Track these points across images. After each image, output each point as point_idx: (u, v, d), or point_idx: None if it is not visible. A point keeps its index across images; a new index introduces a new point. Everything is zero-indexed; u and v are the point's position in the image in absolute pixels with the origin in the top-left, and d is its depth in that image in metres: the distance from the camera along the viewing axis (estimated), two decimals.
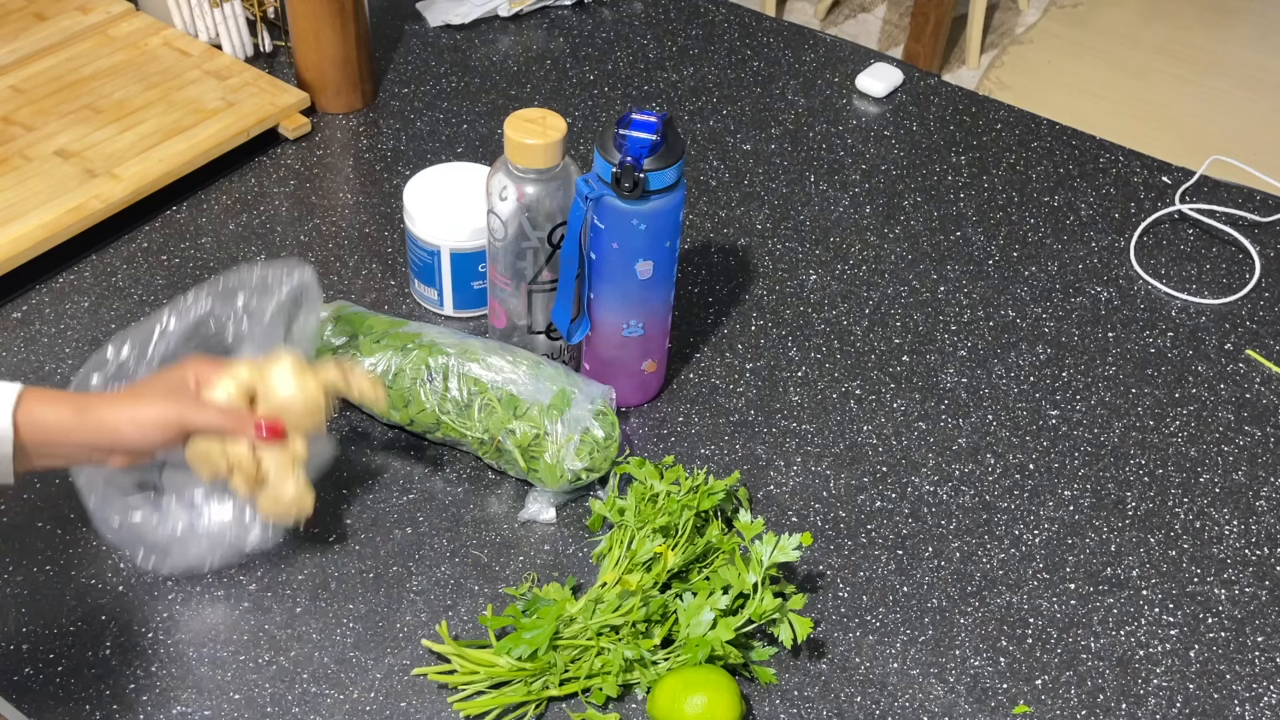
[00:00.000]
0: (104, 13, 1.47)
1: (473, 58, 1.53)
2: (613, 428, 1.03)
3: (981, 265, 1.30)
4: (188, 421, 0.85)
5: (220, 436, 0.88)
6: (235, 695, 0.91)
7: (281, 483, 0.90)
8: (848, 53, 1.58)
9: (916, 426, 1.13)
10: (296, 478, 0.90)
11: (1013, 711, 0.93)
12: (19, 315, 1.18)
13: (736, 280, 1.26)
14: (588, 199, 0.99)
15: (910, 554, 1.03)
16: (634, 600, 0.92)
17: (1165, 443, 1.13)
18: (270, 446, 0.89)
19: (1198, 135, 2.87)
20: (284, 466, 0.90)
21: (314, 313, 1.01)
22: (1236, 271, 1.31)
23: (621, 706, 0.91)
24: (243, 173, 1.34)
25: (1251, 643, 0.98)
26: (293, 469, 0.90)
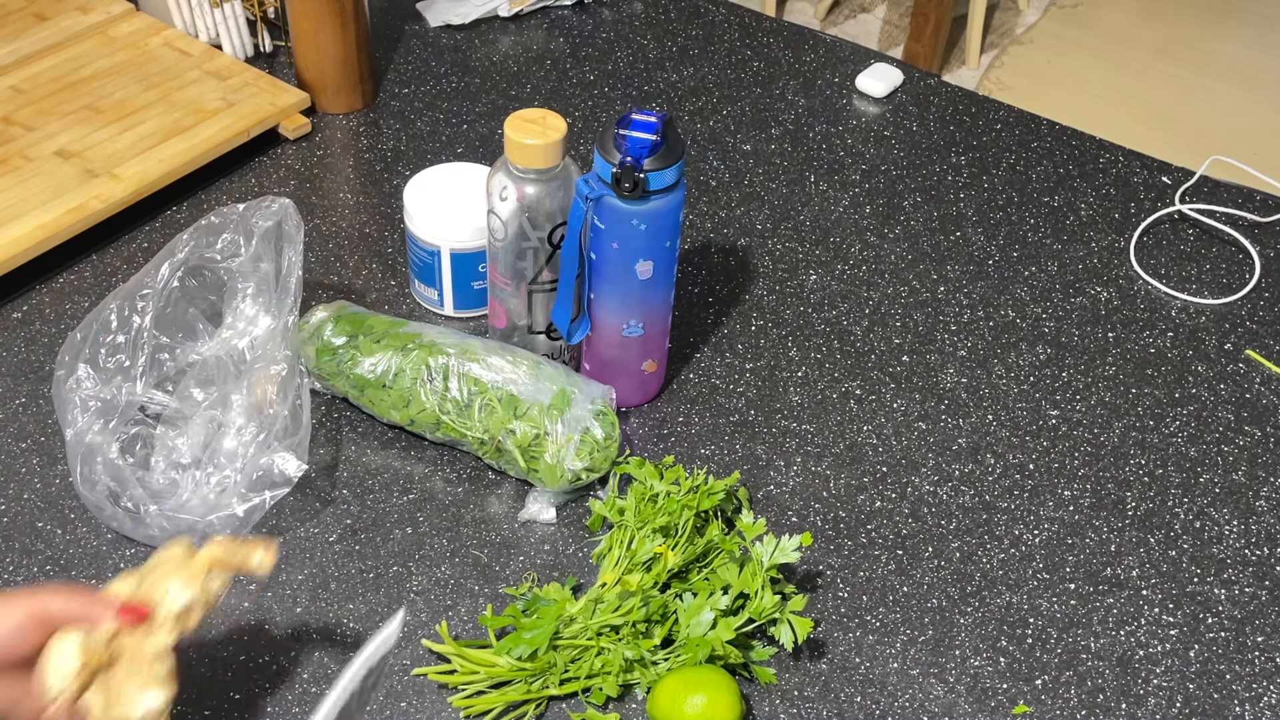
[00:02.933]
0: (104, 13, 1.47)
1: (473, 58, 1.53)
2: (613, 428, 1.03)
3: (981, 265, 1.30)
4: (39, 605, 0.74)
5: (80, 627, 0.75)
6: (235, 695, 0.91)
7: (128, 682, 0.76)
8: (848, 53, 1.58)
9: (916, 426, 1.13)
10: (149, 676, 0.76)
11: (1013, 711, 0.93)
12: (19, 315, 1.18)
13: (736, 280, 1.26)
14: (588, 199, 0.99)
15: (910, 554, 1.03)
16: (634, 600, 0.92)
17: (1165, 443, 1.13)
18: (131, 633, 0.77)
19: (1198, 135, 2.87)
20: (138, 661, 0.76)
21: (297, 245, 1.03)
22: (1236, 271, 1.31)
23: (621, 706, 0.91)
24: (243, 173, 1.34)
25: (1251, 643, 0.98)
26: (149, 666, 0.76)
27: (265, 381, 1.01)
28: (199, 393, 1.03)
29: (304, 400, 1.03)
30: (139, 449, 1.02)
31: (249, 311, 1.04)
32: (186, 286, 1.06)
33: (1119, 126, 2.78)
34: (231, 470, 0.97)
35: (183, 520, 0.95)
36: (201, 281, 1.07)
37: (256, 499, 0.97)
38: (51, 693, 0.75)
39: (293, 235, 1.05)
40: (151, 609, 0.77)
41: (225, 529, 0.95)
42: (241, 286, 1.05)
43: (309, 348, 1.08)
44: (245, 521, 0.97)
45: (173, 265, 1.04)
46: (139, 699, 0.75)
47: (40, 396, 1.10)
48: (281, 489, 0.99)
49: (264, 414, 1.00)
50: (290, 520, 1.02)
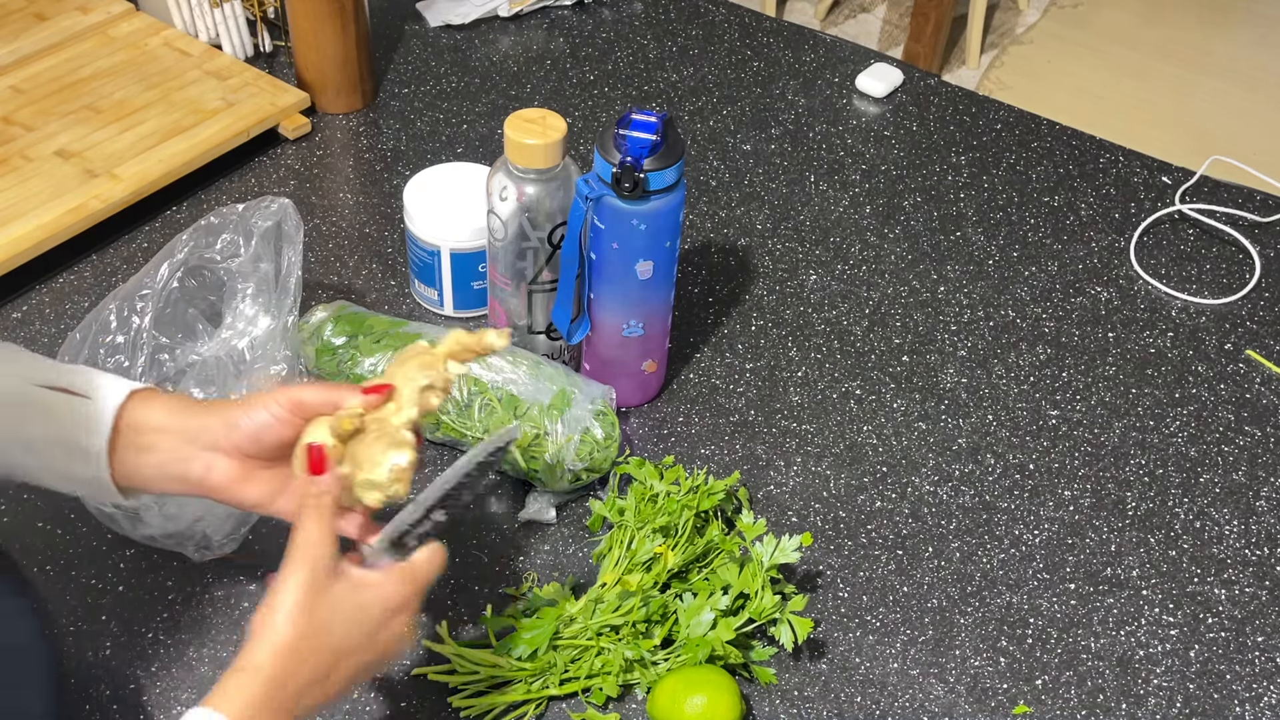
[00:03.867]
0: (104, 13, 1.47)
1: (473, 58, 1.53)
2: (613, 428, 1.03)
3: (981, 265, 1.30)
4: (294, 394, 0.78)
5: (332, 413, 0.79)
6: None
7: (374, 446, 0.79)
8: (848, 53, 1.58)
9: (916, 426, 1.13)
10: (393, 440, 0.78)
11: (1013, 711, 0.93)
12: (19, 315, 1.18)
13: (736, 280, 1.26)
14: (588, 199, 0.99)
15: (910, 554, 1.03)
16: (634, 600, 0.92)
17: (1165, 443, 1.13)
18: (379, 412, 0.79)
19: (1198, 135, 2.87)
20: (384, 430, 0.79)
21: (296, 245, 1.04)
22: (1236, 271, 1.31)
23: (621, 706, 0.91)
24: (243, 173, 1.34)
25: (1251, 643, 0.98)
26: (394, 432, 0.79)
27: (265, 381, 1.01)
28: (199, 393, 1.02)
29: None
30: None
31: (249, 312, 1.04)
32: (186, 287, 1.06)
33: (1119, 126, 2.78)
34: None
35: (182, 520, 0.95)
36: (201, 281, 1.07)
37: None
38: (297, 466, 0.79)
39: (292, 235, 1.05)
40: (393, 387, 0.80)
41: (225, 528, 0.95)
42: (241, 287, 1.05)
43: (309, 348, 1.08)
44: (244, 520, 0.97)
45: (172, 265, 1.04)
46: (385, 459, 0.78)
47: None
48: None
49: None
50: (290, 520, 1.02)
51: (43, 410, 0.75)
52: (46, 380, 0.75)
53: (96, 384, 0.76)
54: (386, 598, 0.75)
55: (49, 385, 0.75)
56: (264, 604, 0.72)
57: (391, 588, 0.75)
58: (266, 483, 0.81)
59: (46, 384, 0.75)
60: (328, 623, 0.72)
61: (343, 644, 0.73)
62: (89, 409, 0.75)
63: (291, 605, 0.71)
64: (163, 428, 0.78)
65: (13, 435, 0.75)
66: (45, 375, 0.76)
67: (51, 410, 0.75)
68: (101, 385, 0.77)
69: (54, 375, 0.76)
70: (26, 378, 0.75)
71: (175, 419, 0.78)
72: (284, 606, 0.71)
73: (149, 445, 0.77)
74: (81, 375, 0.77)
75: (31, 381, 0.75)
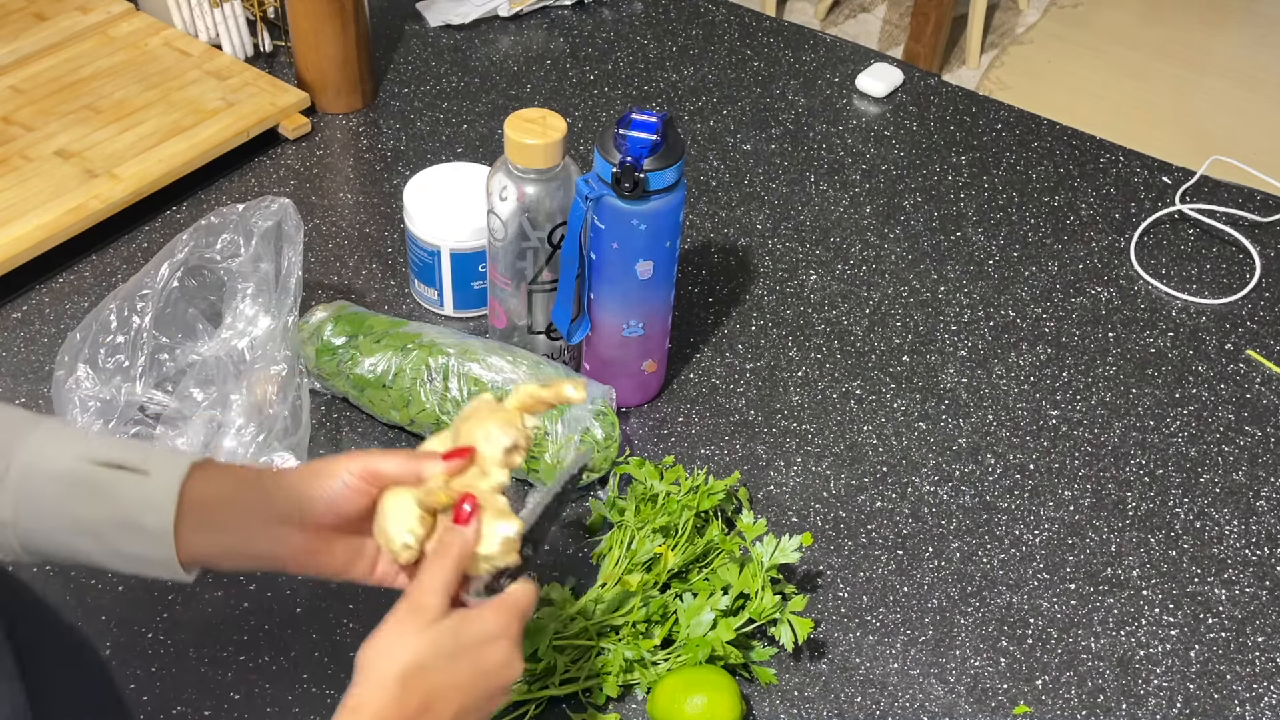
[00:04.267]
0: (104, 13, 1.47)
1: (473, 58, 1.53)
2: (613, 428, 1.03)
3: (981, 265, 1.30)
4: (370, 465, 0.75)
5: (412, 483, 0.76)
6: (235, 695, 0.91)
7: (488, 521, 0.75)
8: (848, 53, 1.58)
9: (916, 426, 1.13)
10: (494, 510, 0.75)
11: (1013, 711, 0.93)
12: (19, 315, 1.18)
13: (736, 280, 1.26)
14: (588, 199, 0.99)
15: (910, 554, 1.03)
16: (634, 600, 0.92)
17: (1165, 443, 1.13)
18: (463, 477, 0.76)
19: (1198, 135, 2.87)
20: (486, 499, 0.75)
21: (296, 245, 1.03)
22: (1236, 271, 1.31)
23: (621, 706, 0.91)
24: (243, 173, 1.34)
25: (1251, 643, 0.98)
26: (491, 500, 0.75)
27: (265, 381, 1.01)
28: (199, 393, 1.02)
29: (304, 400, 1.03)
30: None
31: (249, 311, 1.04)
32: (186, 286, 1.06)
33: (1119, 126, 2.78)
34: None
35: None
36: (201, 281, 1.07)
37: None
38: (397, 544, 0.75)
39: (292, 235, 1.05)
40: (474, 451, 0.76)
41: None
42: (241, 286, 1.05)
43: (309, 348, 1.08)
44: None
45: (172, 265, 1.04)
46: (493, 532, 0.74)
47: (40, 396, 1.10)
48: None
49: (264, 414, 1.00)
50: None
51: (103, 491, 0.71)
52: (101, 458, 0.71)
53: (153, 458, 0.73)
54: (485, 629, 0.73)
55: (105, 463, 0.71)
56: (371, 640, 0.71)
57: (490, 618, 0.74)
58: (341, 553, 0.78)
59: (102, 462, 0.71)
60: (432, 661, 0.71)
61: (447, 680, 0.71)
62: (149, 488, 0.71)
63: (391, 646, 0.70)
64: (231, 504, 0.74)
65: (73, 519, 0.71)
66: (99, 452, 0.72)
67: (111, 491, 0.71)
68: (158, 460, 0.73)
69: (108, 451, 0.72)
70: (82, 456, 0.71)
71: (242, 494, 0.74)
72: (385, 647, 0.70)
73: (218, 524, 0.74)
74: (135, 449, 0.73)
75: (87, 460, 0.71)
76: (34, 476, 0.71)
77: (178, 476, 0.71)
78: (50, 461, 0.71)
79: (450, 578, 0.73)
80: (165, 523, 0.70)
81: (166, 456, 0.73)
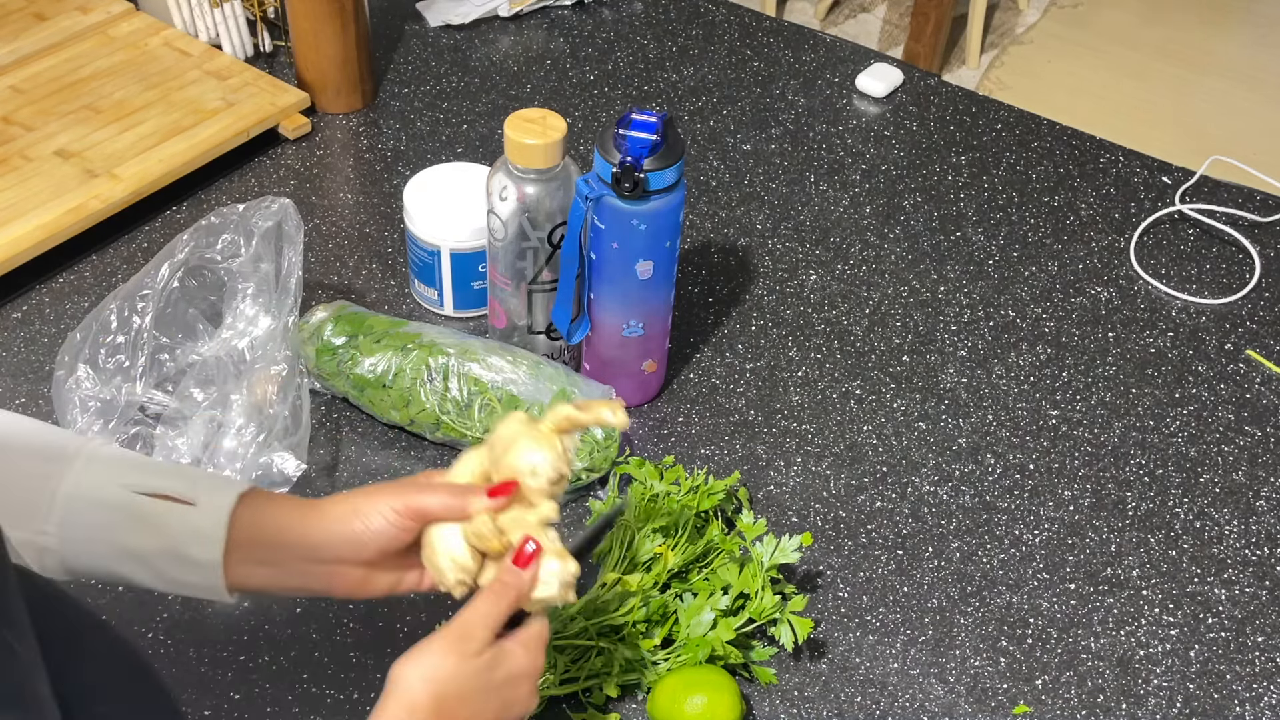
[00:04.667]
0: (104, 13, 1.47)
1: (473, 58, 1.53)
2: (613, 428, 1.03)
3: (981, 265, 1.30)
4: (414, 503, 0.75)
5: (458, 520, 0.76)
6: (235, 695, 0.91)
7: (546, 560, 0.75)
8: (848, 53, 1.58)
9: (916, 426, 1.13)
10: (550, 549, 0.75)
11: (1013, 711, 0.93)
12: (19, 315, 1.18)
13: (736, 280, 1.26)
14: (588, 199, 0.99)
15: (910, 554, 1.03)
16: (634, 600, 0.92)
17: (1165, 443, 1.13)
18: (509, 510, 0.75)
19: (1198, 135, 2.87)
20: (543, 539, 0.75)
21: (297, 245, 1.04)
22: (1236, 271, 1.31)
23: (621, 706, 0.91)
24: (243, 173, 1.34)
25: (1251, 643, 0.98)
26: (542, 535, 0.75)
27: (265, 381, 1.01)
28: (199, 393, 1.02)
29: (304, 400, 1.03)
30: (139, 449, 1.02)
31: (249, 312, 1.05)
32: (186, 287, 1.06)
33: (1119, 126, 2.78)
34: (231, 470, 0.97)
35: None
36: (201, 282, 1.07)
37: None
38: (451, 580, 0.75)
39: (293, 235, 1.05)
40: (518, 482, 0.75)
41: None
42: (241, 287, 1.05)
43: (309, 348, 1.08)
44: None
45: (173, 265, 1.04)
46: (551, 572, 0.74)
47: (40, 396, 1.10)
48: (281, 489, 0.99)
49: (264, 414, 1.00)
50: None
51: (151, 522, 0.72)
52: (148, 487, 0.72)
53: (200, 487, 0.73)
54: (518, 666, 0.74)
55: (151, 493, 0.72)
56: (410, 658, 0.71)
57: (522, 655, 0.74)
58: (386, 580, 0.78)
59: (149, 491, 0.72)
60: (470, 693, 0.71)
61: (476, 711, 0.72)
62: (197, 519, 0.72)
63: (431, 670, 0.70)
64: (276, 544, 0.75)
65: (120, 547, 0.72)
66: (145, 480, 0.73)
67: (159, 521, 0.72)
68: (205, 489, 0.73)
69: (153, 479, 0.73)
70: (127, 485, 0.72)
71: (287, 534, 0.75)
72: (425, 669, 0.71)
73: (264, 559, 0.75)
74: (180, 476, 0.74)
75: (134, 490, 0.72)
76: (79, 504, 0.71)
77: (226, 508, 0.72)
78: (95, 490, 0.71)
79: (502, 615, 0.73)
80: (214, 555, 0.72)
81: (212, 485, 0.74)
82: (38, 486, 0.71)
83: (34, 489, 0.71)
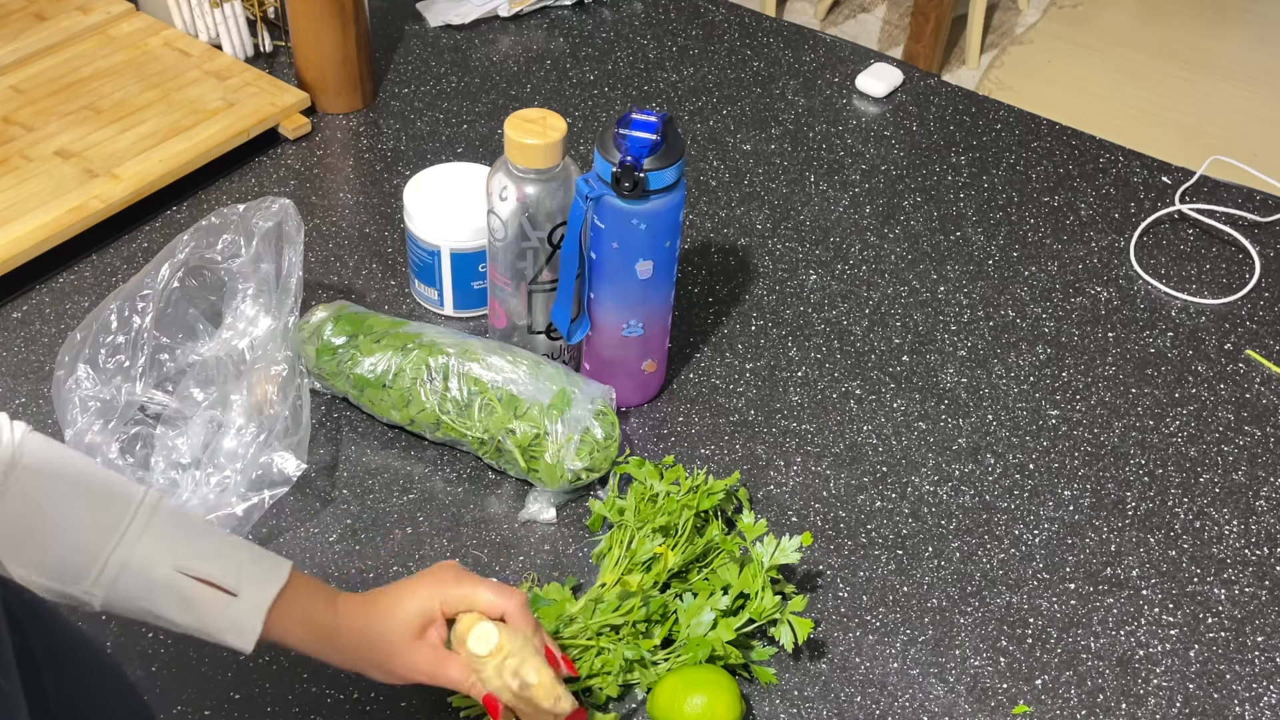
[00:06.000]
0: (104, 13, 1.47)
1: (473, 58, 1.53)
2: (613, 428, 1.03)
3: (981, 265, 1.30)
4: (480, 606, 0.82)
5: None
6: (235, 695, 0.91)
7: None
8: (848, 53, 1.58)
9: (916, 426, 1.13)
10: None
11: (1013, 711, 0.93)
12: (19, 315, 1.18)
13: (736, 280, 1.26)
14: (588, 199, 0.99)
15: (910, 554, 1.03)
16: (634, 600, 0.92)
17: (1165, 443, 1.13)
18: None
19: (1198, 135, 2.87)
20: None
21: (297, 245, 1.04)
22: (1236, 271, 1.31)
23: (621, 706, 0.91)
24: (243, 173, 1.34)
25: (1251, 643, 0.98)
26: None
27: (265, 381, 1.01)
28: (199, 393, 1.03)
29: (304, 400, 1.03)
30: (139, 449, 1.02)
31: (249, 312, 1.05)
32: (186, 287, 1.06)
33: (1119, 126, 2.78)
34: (231, 470, 0.97)
35: None
36: (201, 282, 1.07)
37: (256, 498, 0.97)
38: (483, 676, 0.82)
39: (293, 235, 1.05)
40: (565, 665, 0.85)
41: (225, 528, 0.95)
42: (241, 287, 1.05)
43: (309, 348, 1.08)
44: (245, 520, 0.97)
45: (173, 265, 1.04)
46: None
47: (40, 396, 1.10)
48: (281, 488, 0.99)
49: (264, 414, 1.00)
50: (290, 520, 1.02)
51: (191, 604, 0.75)
52: (195, 571, 0.75)
53: (244, 578, 0.77)
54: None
55: (198, 577, 0.75)
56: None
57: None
58: None
59: (194, 574, 0.75)
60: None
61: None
62: (237, 612, 0.76)
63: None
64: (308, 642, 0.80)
65: (159, 618, 0.76)
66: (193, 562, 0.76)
67: (200, 606, 0.76)
68: (249, 580, 0.77)
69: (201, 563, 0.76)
70: (177, 566, 0.75)
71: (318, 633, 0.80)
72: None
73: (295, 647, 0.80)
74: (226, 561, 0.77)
75: (180, 570, 0.75)
76: (128, 577, 0.74)
77: (264, 604, 0.77)
78: (146, 566, 0.75)
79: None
80: (248, 645, 0.77)
81: (257, 575, 0.77)
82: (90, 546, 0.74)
83: (86, 547, 0.74)
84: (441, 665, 0.81)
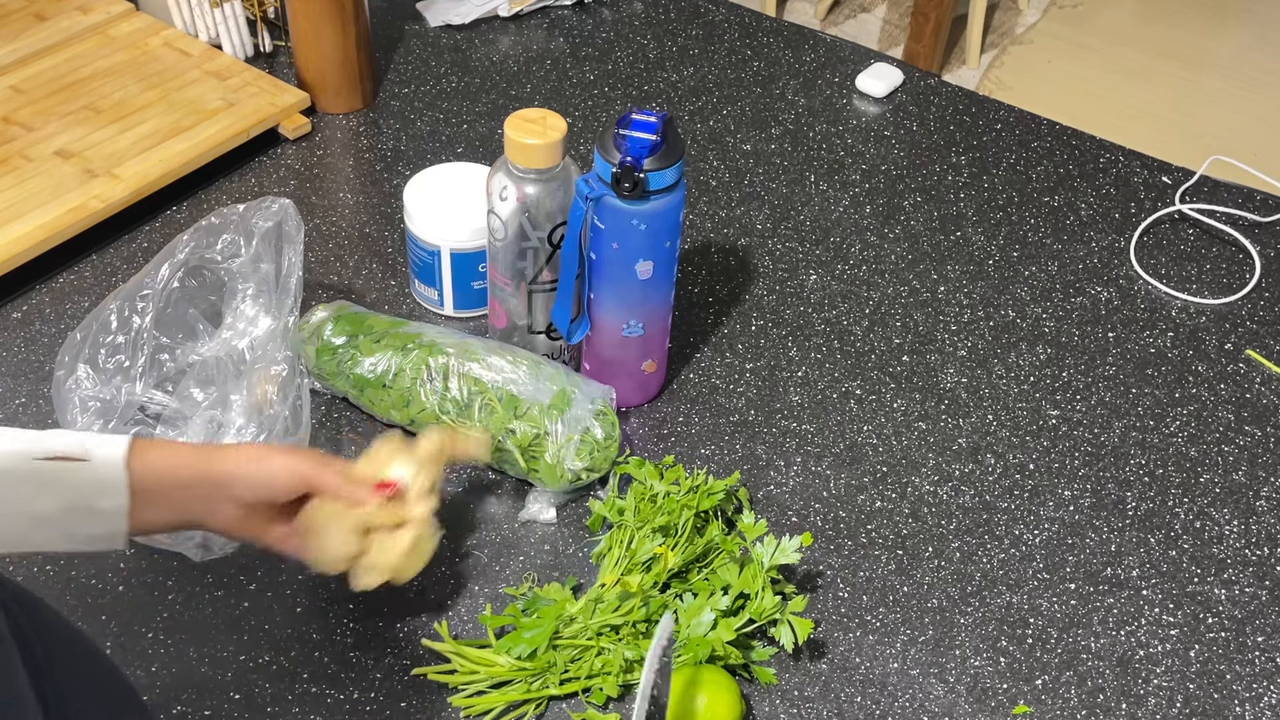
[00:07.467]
0: (104, 13, 1.47)
1: (473, 58, 1.53)
2: (613, 428, 1.03)
3: (981, 265, 1.30)
4: (315, 476, 0.84)
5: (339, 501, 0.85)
6: (235, 695, 0.91)
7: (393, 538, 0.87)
8: (848, 53, 1.58)
9: (916, 426, 1.13)
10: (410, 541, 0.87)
11: (1013, 711, 0.93)
12: (19, 315, 1.18)
13: (736, 280, 1.26)
14: (588, 199, 0.99)
15: (910, 554, 1.03)
16: (634, 600, 0.92)
17: (1165, 443, 1.13)
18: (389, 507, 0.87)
19: (1198, 135, 2.87)
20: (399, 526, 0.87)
21: (297, 245, 1.05)
22: (1236, 271, 1.31)
23: (621, 706, 0.91)
24: (243, 173, 1.34)
25: (1251, 643, 0.98)
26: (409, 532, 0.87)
27: (265, 381, 1.01)
28: (199, 393, 1.02)
29: (304, 400, 1.02)
30: None
31: (249, 312, 1.05)
32: (186, 287, 1.06)
33: (1119, 126, 2.78)
34: None
35: None
36: (201, 282, 1.07)
37: None
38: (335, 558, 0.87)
39: (293, 235, 1.05)
40: (403, 486, 0.87)
41: None
42: (241, 287, 1.05)
43: (309, 348, 1.08)
44: None
45: (173, 266, 1.04)
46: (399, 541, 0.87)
47: (40, 396, 1.10)
48: None
49: (264, 414, 1.00)
50: None
51: (52, 483, 0.75)
52: (39, 452, 0.75)
53: (88, 444, 0.77)
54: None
55: (46, 456, 0.75)
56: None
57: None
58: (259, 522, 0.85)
59: (43, 455, 0.75)
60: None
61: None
62: (96, 473, 0.76)
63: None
64: (179, 482, 0.80)
65: (27, 514, 0.75)
66: (35, 446, 0.75)
67: (60, 481, 0.75)
68: (94, 444, 0.77)
69: (42, 443, 0.75)
70: (24, 454, 0.74)
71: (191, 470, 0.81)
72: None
73: (162, 501, 0.80)
74: (60, 438, 0.77)
75: (30, 457, 0.74)
76: None
77: (120, 456, 0.76)
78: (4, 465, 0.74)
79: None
80: (121, 501, 0.76)
81: (100, 440, 0.77)
82: None
83: None
84: None
